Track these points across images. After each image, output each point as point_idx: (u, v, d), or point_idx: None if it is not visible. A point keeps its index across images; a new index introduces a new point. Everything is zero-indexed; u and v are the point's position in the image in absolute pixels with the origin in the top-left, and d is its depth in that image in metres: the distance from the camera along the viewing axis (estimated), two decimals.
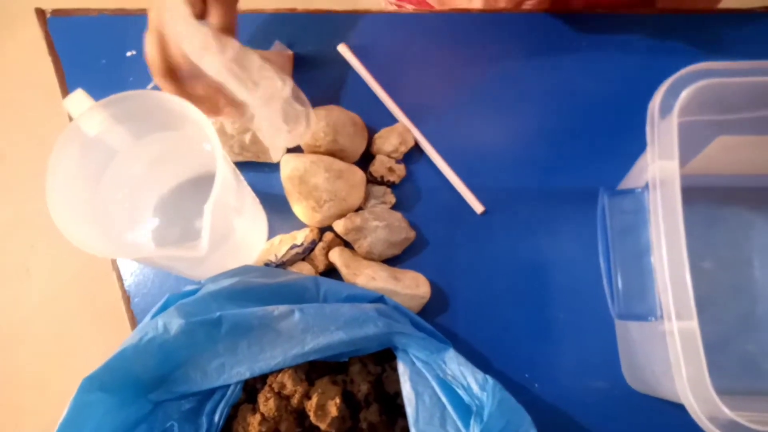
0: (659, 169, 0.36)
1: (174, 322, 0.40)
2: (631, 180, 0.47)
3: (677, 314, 0.34)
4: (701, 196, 0.53)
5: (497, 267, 0.52)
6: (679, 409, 0.35)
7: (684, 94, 0.37)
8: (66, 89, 0.58)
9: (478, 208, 0.52)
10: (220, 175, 0.38)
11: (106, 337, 1.25)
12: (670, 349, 0.34)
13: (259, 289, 0.43)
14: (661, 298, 0.36)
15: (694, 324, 0.34)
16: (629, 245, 0.39)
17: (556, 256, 0.51)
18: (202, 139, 0.45)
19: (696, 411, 0.33)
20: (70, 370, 1.27)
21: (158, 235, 0.51)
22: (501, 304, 0.51)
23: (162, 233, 0.51)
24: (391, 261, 0.52)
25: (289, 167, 0.50)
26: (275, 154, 0.48)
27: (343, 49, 0.57)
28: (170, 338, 0.40)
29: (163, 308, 0.43)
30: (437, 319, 0.51)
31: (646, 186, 0.38)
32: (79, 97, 0.40)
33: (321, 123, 0.50)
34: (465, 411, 0.40)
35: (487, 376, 0.41)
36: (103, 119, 0.40)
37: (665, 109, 0.37)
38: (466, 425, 0.39)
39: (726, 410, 0.33)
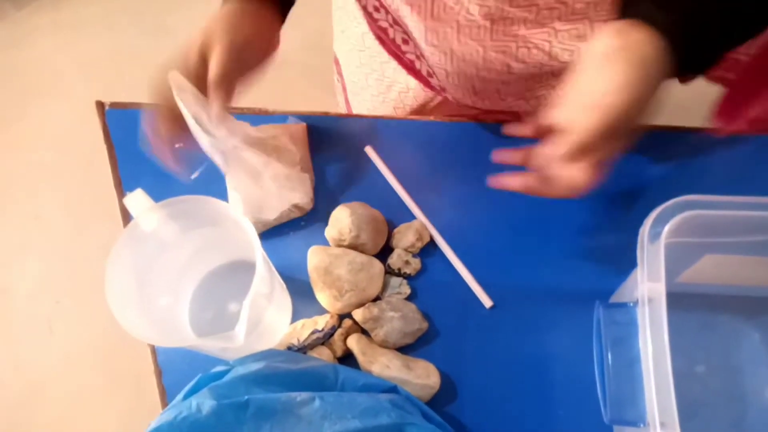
0: (647, 289, 0.40)
1: (206, 403, 0.44)
2: (625, 292, 0.51)
3: (661, 424, 0.37)
4: (695, 303, 0.57)
5: (503, 360, 0.55)
6: None
7: (669, 224, 0.41)
8: (117, 173, 0.64)
9: (487, 302, 0.57)
10: (259, 272, 0.43)
11: (125, 401, 1.28)
12: None
13: (284, 375, 0.48)
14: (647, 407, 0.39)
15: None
16: (621, 354, 0.43)
17: (557, 355, 0.55)
18: (239, 232, 0.51)
19: None
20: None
21: (194, 316, 0.55)
22: (505, 396, 0.54)
23: (197, 315, 0.55)
24: (404, 349, 0.56)
25: (317, 258, 0.55)
26: (271, 214, 0.56)
27: (369, 150, 0.63)
28: (202, 418, 0.44)
29: (195, 388, 0.47)
30: (445, 408, 0.54)
31: (637, 302, 0.42)
32: (138, 197, 0.46)
33: (346, 220, 0.56)
34: None
35: None
36: (159, 218, 0.46)
37: (653, 236, 0.42)
38: None
39: None
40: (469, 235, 0.60)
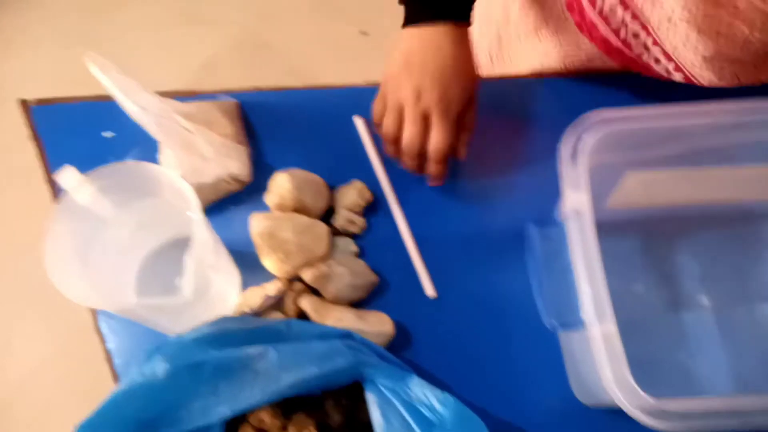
0: (571, 200, 0.43)
1: (160, 366, 0.44)
2: (557, 212, 0.54)
3: (598, 319, 0.39)
4: (630, 228, 0.60)
5: (454, 303, 0.57)
6: (624, 417, 0.39)
7: (585, 137, 0.44)
8: (48, 170, 0.63)
9: (429, 289, 0.58)
10: (200, 230, 0.44)
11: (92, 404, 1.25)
12: (594, 351, 0.39)
13: (237, 334, 0.48)
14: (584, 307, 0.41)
15: (611, 326, 0.39)
16: (555, 266, 0.45)
17: (503, 289, 0.57)
18: (180, 203, 0.51)
19: (623, 402, 0.38)
20: None
21: (141, 294, 0.55)
22: (459, 336, 0.56)
23: (144, 293, 0.55)
24: (358, 305, 0.57)
25: (260, 224, 0.55)
26: (208, 177, 0.57)
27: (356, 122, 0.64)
28: (157, 382, 0.44)
29: (148, 358, 0.47)
30: (402, 353, 0.56)
31: (565, 215, 0.45)
32: (69, 173, 0.45)
33: (286, 184, 0.56)
34: (429, 427, 0.44)
35: (446, 393, 0.45)
36: (92, 191, 0.45)
37: (572, 151, 0.44)
38: None
39: (648, 397, 0.38)
40: (411, 191, 0.61)
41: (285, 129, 0.64)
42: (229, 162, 0.58)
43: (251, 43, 1.70)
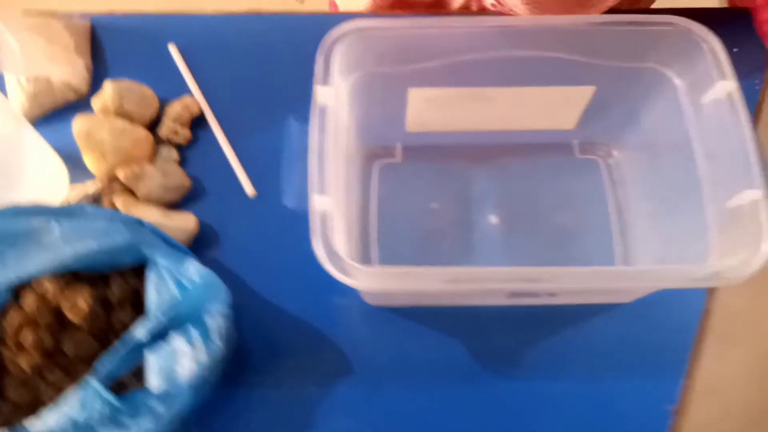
0: (320, 94, 0.47)
1: None
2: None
3: (315, 190, 0.44)
4: (431, 154, 0.65)
5: (271, 203, 0.61)
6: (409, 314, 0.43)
7: (341, 41, 0.48)
8: None
9: (249, 190, 0.62)
10: None
11: None
12: (311, 219, 0.44)
13: (30, 211, 0.52)
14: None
15: (326, 199, 0.44)
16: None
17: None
18: None
19: (328, 266, 0.43)
20: None
21: None
22: (269, 238, 0.61)
23: None
24: (171, 207, 0.61)
25: (79, 124, 0.60)
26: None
27: (171, 48, 0.68)
28: None
29: None
30: (209, 251, 0.60)
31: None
32: None
33: (110, 91, 0.61)
34: (185, 293, 0.48)
35: (208, 269, 0.50)
36: None
37: (327, 52, 0.48)
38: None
39: (350, 260, 0.42)
40: (240, 119, 0.66)
41: (134, 50, 0.69)
42: (61, 69, 0.62)
43: None
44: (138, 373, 0.50)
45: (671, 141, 0.53)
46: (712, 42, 0.48)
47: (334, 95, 0.47)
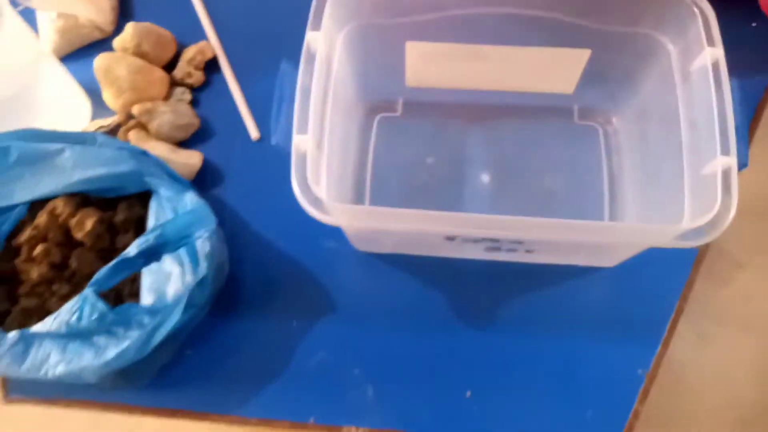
0: (309, 37, 0.49)
1: None
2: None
3: (297, 130, 0.46)
4: (429, 110, 0.66)
5: (266, 151, 0.65)
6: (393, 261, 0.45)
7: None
8: None
9: (254, 133, 0.66)
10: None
11: None
12: (293, 158, 0.46)
13: (46, 135, 0.57)
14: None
15: (306, 137, 0.46)
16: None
17: None
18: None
19: (303, 202, 0.45)
20: None
21: None
22: (259, 183, 0.64)
23: None
24: (180, 145, 0.65)
25: (99, 60, 0.64)
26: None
27: None
28: None
29: None
30: (210, 189, 0.64)
31: None
32: None
33: (130, 30, 0.64)
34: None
35: (202, 200, 0.53)
36: None
37: (320, 3, 0.50)
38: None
39: (329, 200, 0.45)
40: (252, 64, 0.69)
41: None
42: (87, 8, 0.66)
43: None
44: (136, 294, 0.54)
45: (663, 108, 0.53)
46: (703, 6, 0.48)
47: (325, 40, 0.49)
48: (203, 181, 0.64)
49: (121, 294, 0.55)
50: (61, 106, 0.64)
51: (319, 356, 0.59)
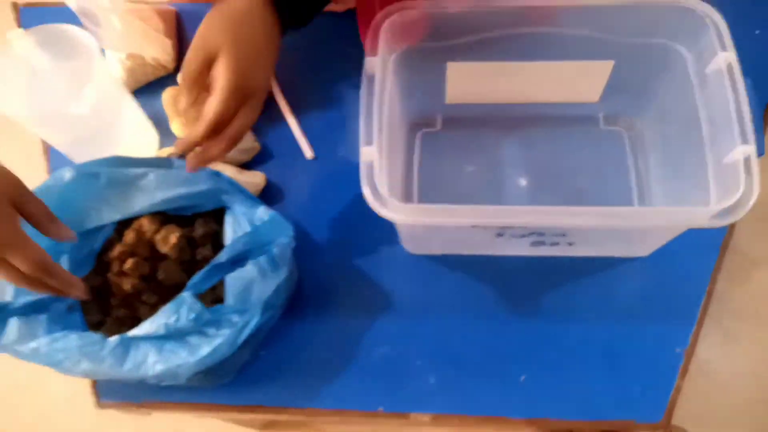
0: (368, 64, 0.56)
1: (68, 173, 0.60)
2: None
3: (364, 142, 0.53)
4: (467, 122, 0.73)
5: (328, 166, 0.71)
6: (443, 261, 0.51)
7: (385, 23, 0.57)
8: None
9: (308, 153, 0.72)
10: (100, 64, 0.59)
11: None
12: (360, 166, 0.52)
13: (129, 162, 0.63)
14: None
15: (372, 149, 0.52)
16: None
17: None
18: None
19: (374, 204, 0.51)
20: None
21: None
22: (324, 197, 0.71)
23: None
24: (244, 167, 0.72)
25: (167, 93, 0.71)
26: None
27: None
28: (63, 185, 0.59)
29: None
30: (273, 206, 0.70)
31: None
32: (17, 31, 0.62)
33: None
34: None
35: (274, 212, 0.59)
36: (29, 42, 0.62)
37: (375, 30, 0.57)
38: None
39: (394, 200, 0.51)
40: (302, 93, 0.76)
41: None
42: (152, 48, 0.73)
43: None
44: (217, 301, 0.60)
45: (682, 109, 0.59)
46: (714, 17, 0.54)
47: (381, 65, 0.56)
48: (266, 198, 0.70)
49: (204, 302, 0.61)
50: (134, 136, 0.71)
51: (382, 350, 0.64)
